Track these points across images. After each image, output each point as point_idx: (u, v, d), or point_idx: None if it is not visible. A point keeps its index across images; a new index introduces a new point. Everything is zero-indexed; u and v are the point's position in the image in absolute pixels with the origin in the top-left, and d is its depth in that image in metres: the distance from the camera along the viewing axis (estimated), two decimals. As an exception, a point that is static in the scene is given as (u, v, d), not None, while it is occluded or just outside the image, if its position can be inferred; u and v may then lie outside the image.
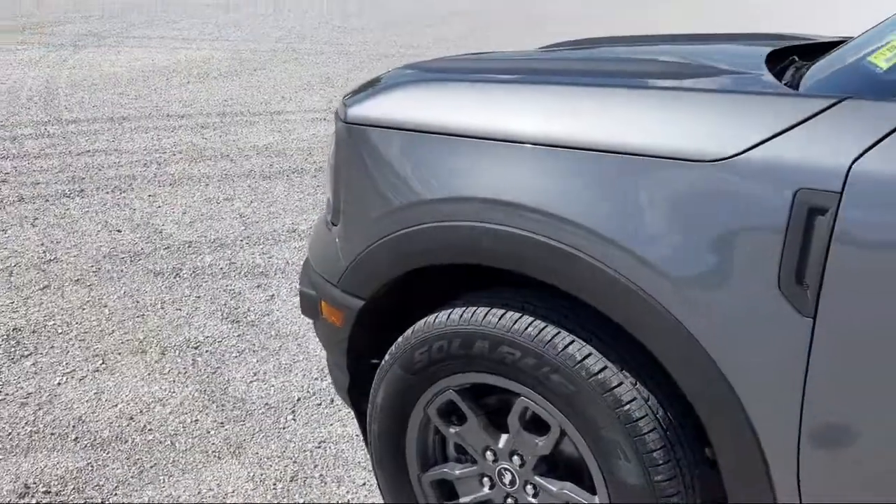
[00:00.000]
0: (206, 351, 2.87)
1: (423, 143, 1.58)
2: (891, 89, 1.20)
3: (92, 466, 2.21)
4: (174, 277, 3.50)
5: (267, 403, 2.55)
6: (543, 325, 1.47)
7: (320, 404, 2.54)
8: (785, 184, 1.16)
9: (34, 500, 2.06)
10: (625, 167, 1.31)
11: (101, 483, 2.14)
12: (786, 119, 1.19)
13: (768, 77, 1.39)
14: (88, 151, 5.70)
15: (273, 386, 2.65)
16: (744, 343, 1.23)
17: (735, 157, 1.21)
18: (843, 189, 1.12)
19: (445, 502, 1.76)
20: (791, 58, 1.70)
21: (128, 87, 8.57)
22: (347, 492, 2.13)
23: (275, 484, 2.16)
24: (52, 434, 2.35)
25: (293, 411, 2.51)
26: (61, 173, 5.11)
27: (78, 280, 3.45)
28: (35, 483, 2.13)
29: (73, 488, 2.11)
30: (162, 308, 3.20)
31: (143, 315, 3.14)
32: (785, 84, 1.45)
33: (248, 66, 10.57)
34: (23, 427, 2.38)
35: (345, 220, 1.76)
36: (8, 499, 2.06)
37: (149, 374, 2.70)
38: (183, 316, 3.14)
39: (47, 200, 4.54)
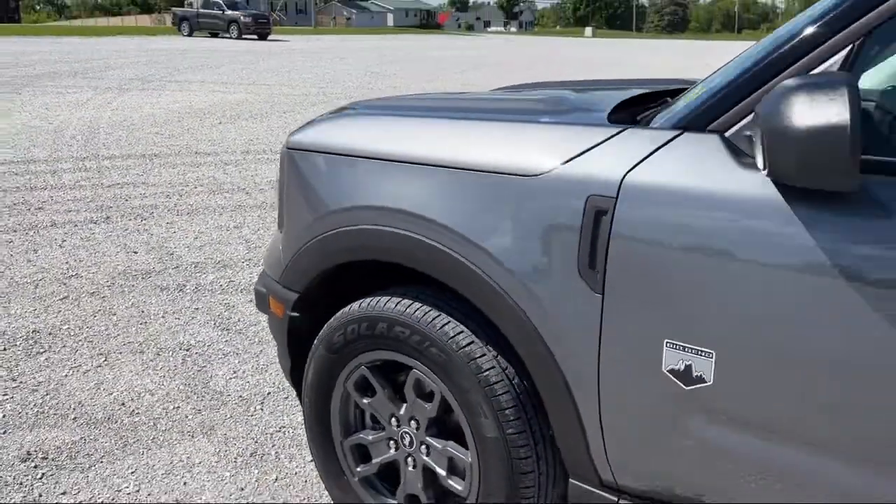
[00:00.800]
0: (196, 353, 3.27)
1: (339, 164, 1.97)
2: (672, 121, 1.55)
3: (84, 440, 2.60)
4: (178, 292, 3.93)
5: (241, 396, 2.92)
6: (427, 309, 1.83)
7: (287, 398, 2.91)
8: (580, 192, 1.52)
9: (33, 464, 2.45)
10: (478, 181, 1.68)
11: (90, 453, 2.53)
12: (585, 144, 1.56)
13: (598, 115, 1.75)
14: (119, 184, 6.23)
15: (248, 382, 3.03)
16: (557, 316, 1.58)
17: (548, 173, 1.57)
18: (617, 195, 1.48)
19: (361, 464, 2.11)
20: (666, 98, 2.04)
21: (163, 127, 9.19)
22: (296, 466, 2.49)
23: (236, 458, 2.52)
24: (54, 414, 2.75)
25: (262, 403, 2.88)
26: (92, 202, 5.62)
27: (93, 293, 3.90)
28: (35, 451, 2.52)
29: (66, 455, 2.50)
30: (163, 317, 3.62)
31: (146, 322, 3.56)
32: (640, 120, 1.80)
33: (279, 109, 11.20)
34: (31, 408, 2.79)
35: (285, 227, 2.16)
36: (12, 462, 2.45)
37: (143, 370, 3.10)
38: (180, 324, 3.55)
39: (76, 226, 5.04)
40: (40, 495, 2.30)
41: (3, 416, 2.73)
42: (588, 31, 71.73)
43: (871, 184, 1.24)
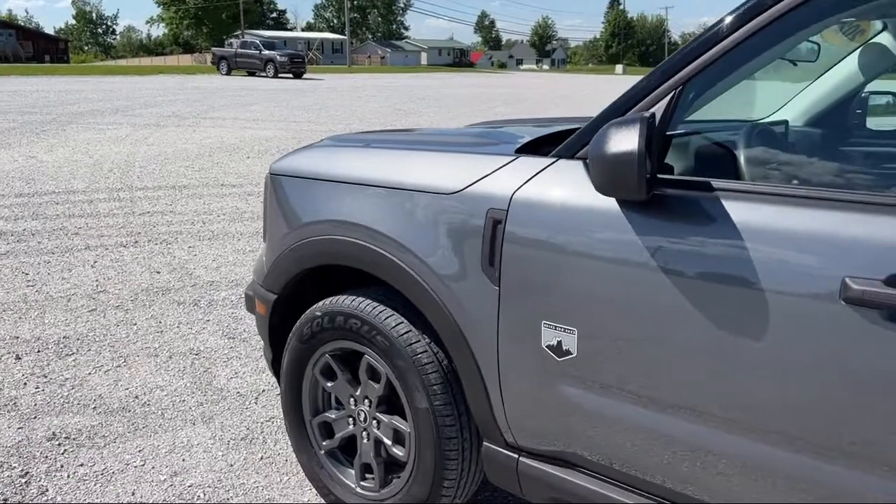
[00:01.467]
0: (203, 357, 3.70)
1: (308, 186, 2.40)
2: (555, 150, 1.94)
3: (101, 424, 3.03)
4: (193, 306, 4.38)
5: (239, 392, 3.34)
6: (375, 304, 2.24)
7: (278, 394, 3.31)
8: (482, 206, 1.92)
9: (57, 442, 2.88)
10: (410, 198, 2.10)
11: (105, 434, 2.95)
12: (488, 169, 1.96)
13: (510, 146, 2.15)
14: (148, 212, 6.77)
15: (247, 382, 3.44)
16: (469, 304, 1.97)
17: (460, 191, 1.98)
18: (507, 208, 1.88)
19: (327, 439, 2.50)
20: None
21: (195, 161, 9.79)
22: (279, 448, 2.88)
23: (229, 441, 2.93)
24: (77, 404, 3.19)
25: (256, 398, 3.29)
26: (122, 228, 6.15)
27: (118, 306, 4.37)
28: (60, 432, 2.96)
29: (86, 436, 2.93)
30: (177, 327, 4.07)
31: (162, 331, 4.01)
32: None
33: (305, 144, 11.76)
34: (58, 399, 3.23)
35: (267, 239, 2.59)
36: (40, 441, 2.89)
37: (156, 371, 3.53)
38: (192, 333, 4.00)
39: (107, 249, 5.55)
40: (62, 466, 2.72)
41: (35, 405, 3.17)
42: (619, 68, 72.46)
43: (665, 195, 1.63)
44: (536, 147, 2.09)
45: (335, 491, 2.46)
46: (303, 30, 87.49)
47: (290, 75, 36.91)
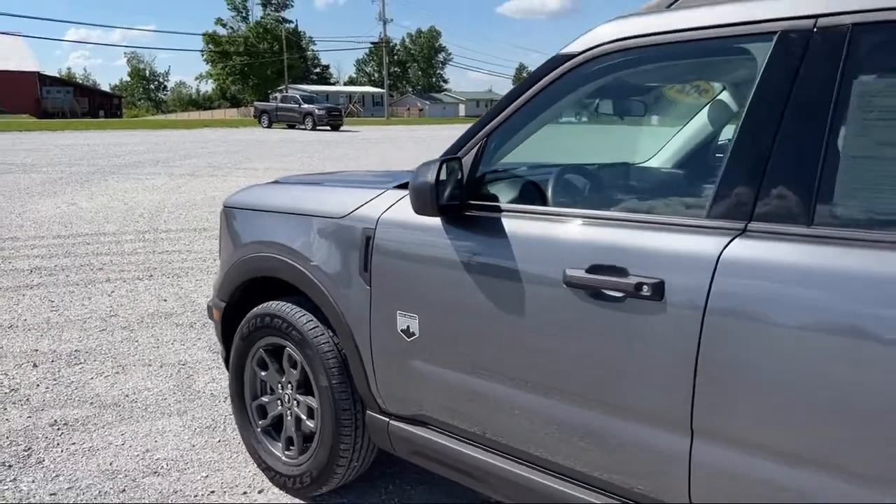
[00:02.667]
0: (189, 366, 4.34)
1: (247, 215, 3.05)
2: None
3: (94, 415, 3.67)
4: (189, 327, 5.05)
5: (212, 394, 3.96)
6: (293, 306, 2.85)
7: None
8: (360, 226, 2.54)
9: (57, 428, 3.52)
10: (314, 222, 2.73)
11: (96, 422, 3.59)
12: (367, 199, 2.59)
13: (390, 182, 2.76)
14: (167, 251, 7.52)
15: (221, 386, 4.06)
16: (352, 302, 2.57)
17: (347, 215, 2.61)
18: (375, 227, 2.49)
19: (262, 419, 3.10)
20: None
21: (219, 207, 10.59)
22: (235, 434, 3.47)
23: (196, 428, 3.54)
24: (77, 400, 3.84)
25: (226, 398, 3.90)
26: (142, 265, 6.89)
27: (125, 327, 5.06)
28: (60, 420, 3.60)
29: (80, 423, 3.57)
30: (172, 343, 4.73)
31: (158, 346, 4.67)
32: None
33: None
34: (62, 397, 3.88)
35: (221, 258, 3.24)
36: (44, 426, 3.53)
37: (147, 376, 4.18)
38: (184, 348, 4.65)
39: (125, 281, 6.28)
40: (58, 444, 3.36)
41: (44, 401, 3.83)
42: (654, 119, 72.72)
43: (473, 215, 2.23)
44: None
45: (267, 460, 3.05)
46: (345, 84, 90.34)
47: (328, 128, 38.29)
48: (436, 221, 2.32)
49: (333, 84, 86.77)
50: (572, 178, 2.57)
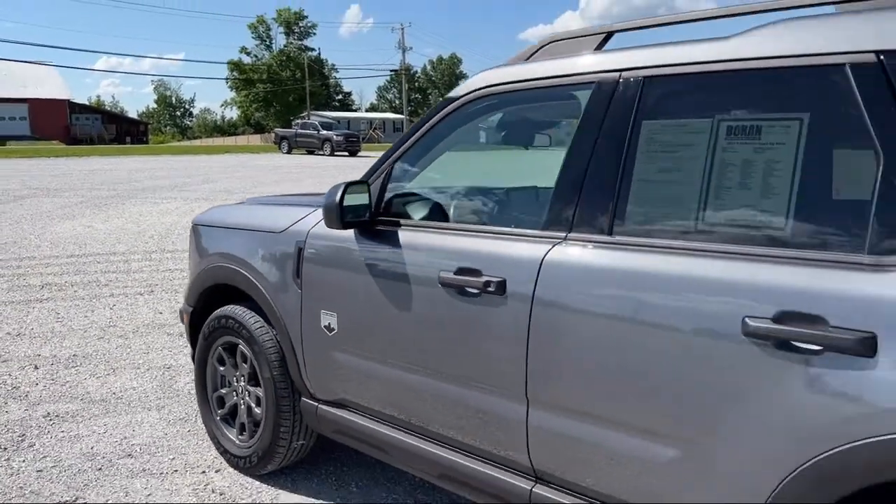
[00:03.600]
0: (173, 369, 4.82)
1: (210, 230, 3.55)
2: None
3: (83, 409, 4.15)
4: (179, 336, 5.54)
5: (190, 392, 4.43)
6: (244, 309, 3.33)
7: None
8: (294, 239, 3.02)
9: (50, 419, 4.01)
10: (259, 235, 3.21)
11: (84, 415, 4.07)
12: (301, 216, 3.06)
13: (318, 201, 3.23)
14: (170, 269, 8.06)
15: (199, 385, 4.53)
16: (288, 304, 3.04)
17: (285, 230, 3.08)
18: (305, 240, 2.97)
19: (220, 409, 3.56)
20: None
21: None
22: (202, 424, 3.94)
23: (170, 420, 4.01)
24: (70, 397, 4.33)
25: (202, 395, 4.36)
26: (145, 282, 7.42)
27: (121, 336, 5.56)
28: (52, 413, 4.09)
29: (70, 415, 4.06)
30: (161, 350, 5.22)
31: (148, 352, 5.16)
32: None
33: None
34: (57, 394, 4.38)
35: (190, 268, 3.73)
36: (38, 418, 4.02)
37: (135, 377, 4.67)
38: (171, 354, 5.14)
39: (127, 296, 6.81)
40: (48, 431, 3.84)
41: (40, 397, 4.33)
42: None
43: (391, 224, 2.70)
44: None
45: (224, 444, 3.51)
46: (366, 110, 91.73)
47: (346, 153, 39.05)
48: (350, 234, 2.79)
49: (355, 110, 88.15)
50: (456, 199, 3.03)
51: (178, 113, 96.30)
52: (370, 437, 2.84)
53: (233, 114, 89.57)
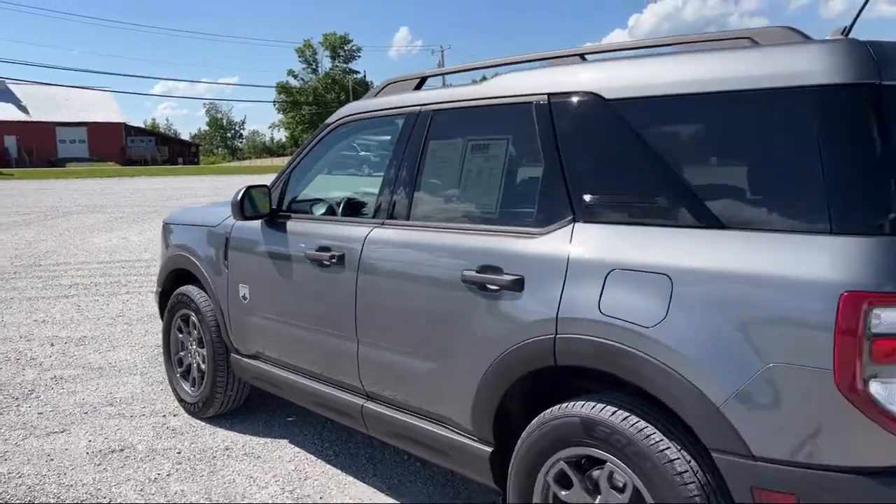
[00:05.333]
0: (161, 348, 5.82)
1: (175, 228, 4.54)
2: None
3: (82, 374, 5.16)
4: (174, 324, 6.55)
5: (171, 363, 5.41)
6: (195, 288, 4.29)
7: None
8: (224, 231, 3.98)
9: (56, 381, 5.02)
10: (203, 230, 4.18)
11: (83, 378, 5.08)
12: (222, 217, 4.01)
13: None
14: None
15: (180, 359, 5.52)
16: (219, 281, 3.99)
17: (218, 225, 4.04)
18: (231, 231, 3.92)
19: (180, 368, 4.52)
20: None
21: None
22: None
23: (150, 382, 4.98)
24: (74, 365, 5.35)
25: (179, 366, 5.35)
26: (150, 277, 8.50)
27: (127, 323, 6.60)
28: (58, 375, 5.10)
29: (71, 378, 5.06)
30: (157, 335, 6.22)
31: (146, 335, 6.18)
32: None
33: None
34: (64, 364, 5.40)
35: (160, 258, 4.73)
36: (46, 380, 5.04)
37: (130, 353, 5.67)
38: (164, 336, 6.14)
39: (140, 294, 7.87)
40: (52, 388, 4.85)
41: (51, 365, 5.36)
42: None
43: (285, 218, 3.63)
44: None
45: (181, 394, 4.47)
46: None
47: (382, 172, 40.28)
48: (259, 225, 3.72)
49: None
50: (327, 201, 3.93)
51: (229, 134, 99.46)
52: (272, 379, 3.76)
53: (280, 135, 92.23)
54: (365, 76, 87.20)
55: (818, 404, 1.88)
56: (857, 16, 2.35)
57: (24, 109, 60.75)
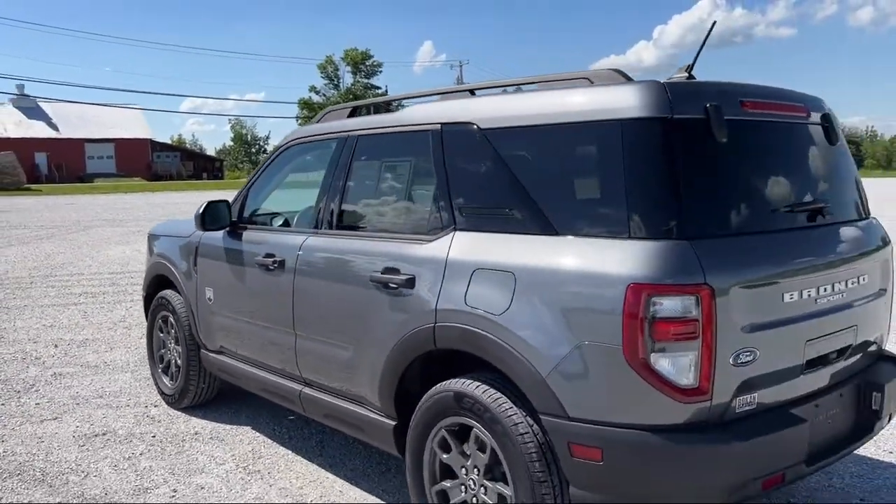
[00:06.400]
0: (155, 348, 6.37)
1: (157, 238, 5.09)
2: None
3: (79, 371, 5.72)
4: (169, 328, 7.11)
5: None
6: (172, 292, 4.84)
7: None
8: (195, 241, 4.51)
9: (55, 376, 5.58)
10: (178, 240, 4.72)
11: (79, 374, 5.64)
12: (194, 229, 4.54)
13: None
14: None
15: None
16: (190, 286, 4.53)
17: (190, 235, 4.58)
18: (200, 241, 4.46)
19: (160, 351, 5.06)
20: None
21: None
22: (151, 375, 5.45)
23: (138, 378, 5.52)
24: (73, 364, 5.91)
25: (167, 365, 5.89)
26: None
27: (126, 327, 7.17)
28: (58, 372, 5.67)
29: (69, 374, 5.62)
30: (152, 336, 6.78)
31: (142, 338, 6.71)
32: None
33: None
34: (65, 363, 5.96)
35: (146, 263, 5.28)
36: (47, 377, 5.60)
37: (125, 354, 6.23)
38: (158, 339, 6.70)
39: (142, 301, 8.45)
40: (51, 383, 5.41)
41: (53, 363, 5.93)
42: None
43: (242, 229, 4.15)
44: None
45: (161, 388, 5.00)
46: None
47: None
48: (221, 235, 4.25)
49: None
50: (279, 215, 4.44)
51: (253, 150, 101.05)
52: (232, 371, 4.27)
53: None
54: (387, 91, 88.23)
55: (614, 375, 2.34)
56: (697, 56, 2.85)
57: (54, 127, 62.35)
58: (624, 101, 2.50)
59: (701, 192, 2.44)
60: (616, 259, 2.37)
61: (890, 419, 3.06)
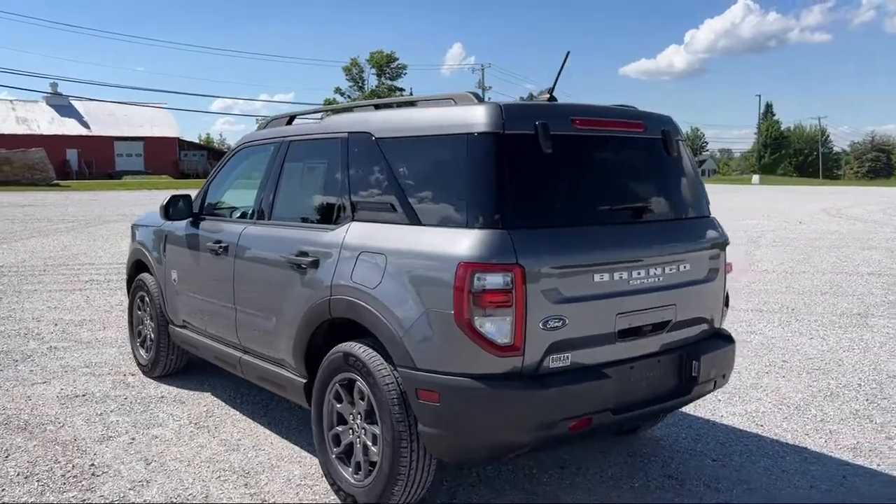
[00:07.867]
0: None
1: (139, 228, 5.77)
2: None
3: (73, 346, 6.43)
4: (160, 312, 7.82)
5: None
6: (148, 276, 5.52)
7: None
8: (165, 229, 5.19)
9: (51, 349, 6.29)
10: (153, 230, 5.40)
11: (72, 348, 6.34)
12: (162, 221, 5.22)
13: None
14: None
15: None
16: (161, 269, 5.20)
17: (161, 225, 5.26)
18: (168, 231, 5.13)
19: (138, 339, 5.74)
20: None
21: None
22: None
23: (124, 353, 6.22)
24: (68, 340, 6.62)
25: (151, 342, 6.59)
26: (161, 280, 9.81)
27: (122, 310, 7.88)
28: (54, 346, 6.38)
29: (62, 348, 6.33)
30: (143, 318, 7.49)
31: (133, 319, 7.45)
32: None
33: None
34: (62, 338, 6.68)
35: (129, 250, 5.97)
36: (43, 350, 6.32)
37: (116, 332, 6.93)
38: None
39: (142, 288, 9.19)
40: (47, 355, 6.12)
41: (51, 339, 6.65)
42: (755, 178, 72.58)
43: (202, 219, 4.82)
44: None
45: (138, 358, 5.69)
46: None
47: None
48: (185, 223, 4.91)
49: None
50: (232, 209, 5.09)
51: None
52: (192, 342, 4.94)
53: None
54: (412, 93, 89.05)
55: (449, 334, 2.96)
56: (556, 80, 3.46)
57: (85, 125, 63.96)
58: (470, 119, 3.12)
59: (523, 192, 3.04)
60: (453, 243, 2.98)
61: (716, 386, 3.64)
